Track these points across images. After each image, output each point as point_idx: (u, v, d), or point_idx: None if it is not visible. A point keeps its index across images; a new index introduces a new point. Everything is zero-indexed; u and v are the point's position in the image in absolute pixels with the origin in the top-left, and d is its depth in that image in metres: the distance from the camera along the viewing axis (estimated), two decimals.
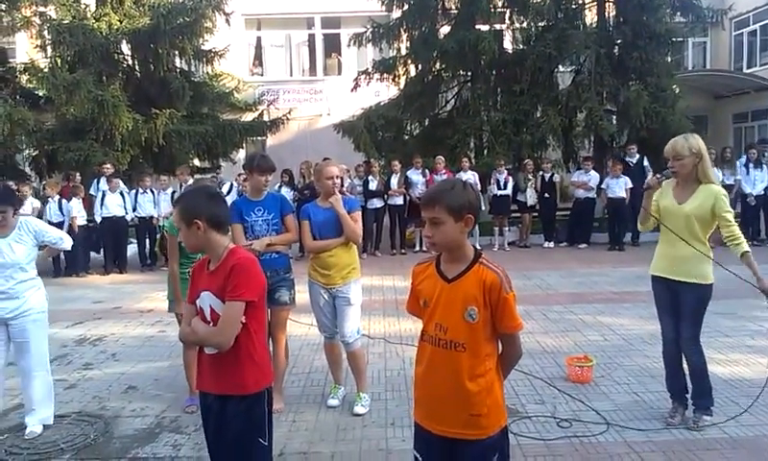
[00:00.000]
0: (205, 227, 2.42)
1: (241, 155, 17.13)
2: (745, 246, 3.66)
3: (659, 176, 3.93)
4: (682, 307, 3.87)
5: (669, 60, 14.85)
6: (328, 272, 4.19)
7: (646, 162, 11.91)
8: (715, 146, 12.95)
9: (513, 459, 3.35)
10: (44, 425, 4.09)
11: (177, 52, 14.07)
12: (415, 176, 11.73)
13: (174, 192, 11.02)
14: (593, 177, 11.95)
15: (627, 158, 11.77)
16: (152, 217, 10.97)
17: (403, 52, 14.72)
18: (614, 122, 13.24)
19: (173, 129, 12.94)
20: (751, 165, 11.37)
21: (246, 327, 2.41)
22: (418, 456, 2.41)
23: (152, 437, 4.00)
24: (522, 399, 4.43)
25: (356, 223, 4.23)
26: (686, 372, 3.98)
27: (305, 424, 4.10)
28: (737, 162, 11.61)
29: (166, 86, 13.67)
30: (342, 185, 4.45)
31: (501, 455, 2.33)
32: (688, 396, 3.99)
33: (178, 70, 14.68)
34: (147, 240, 11.08)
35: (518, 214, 12.34)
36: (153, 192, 11.16)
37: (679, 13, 13.84)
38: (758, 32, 21.19)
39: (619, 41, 13.53)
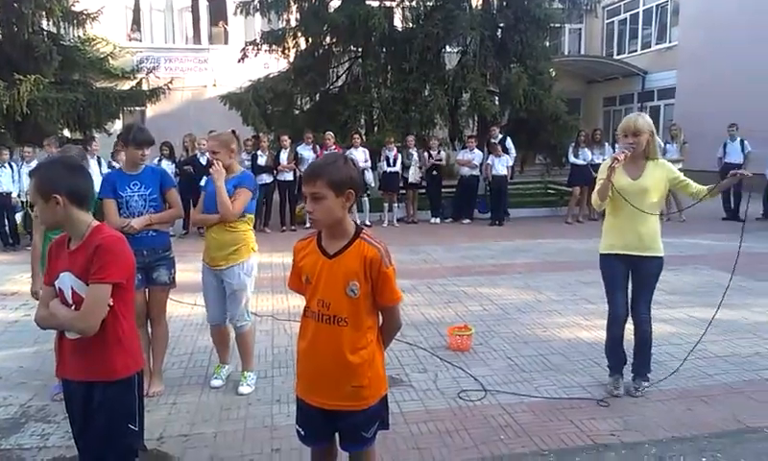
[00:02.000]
0: (65, 202, 2.22)
1: (117, 125, 16.11)
2: (697, 186, 3.89)
3: (625, 151, 3.90)
4: (641, 280, 3.97)
5: (547, 44, 15.70)
6: (211, 252, 4.04)
7: (509, 142, 12.58)
8: (587, 128, 13.95)
9: (395, 426, 3.50)
10: None
11: (43, 12, 12.86)
12: (305, 151, 11.61)
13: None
14: (477, 155, 12.44)
15: (491, 140, 12.34)
16: (9, 193, 10.01)
17: (293, 24, 14.43)
18: (497, 103, 13.82)
19: (39, 96, 11.84)
20: (668, 144, 12.21)
21: (113, 310, 2.27)
22: (300, 430, 2.44)
23: (17, 427, 3.72)
24: (406, 368, 4.57)
25: (236, 198, 3.96)
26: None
27: (187, 405, 3.98)
28: (605, 144, 12.55)
29: (31, 50, 12.46)
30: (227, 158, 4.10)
31: (382, 423, 2.42)
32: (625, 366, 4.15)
33: (45, 33, 13.43)
34: (5, 218, 10.12)
35: (405, 191, 12.59)
36: (11, 166, 10.19)
37: (557, 0, 14.62)
38: (628, 20, 22.91)
39: (502, 25, 14.09)
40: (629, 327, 4.09)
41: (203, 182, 4.35)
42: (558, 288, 6.87)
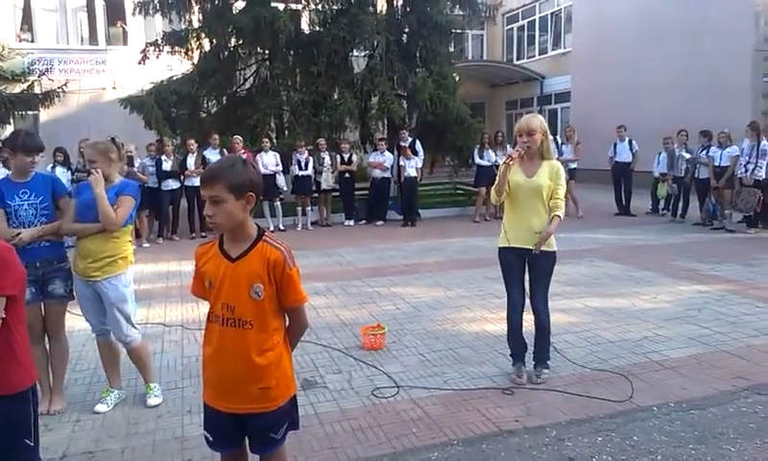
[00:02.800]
0: None
1: (8, 131, 15.03)
2: (561, 212, 4.06)
3: (519, 149, 4.08)
4: (535, 273, 4.17)
5: (451, 49, 16.19)
6: (83, 261, 3.79)
7: (418, 145, 12.92)
8: (490, 130, 14.53)
9: (310, 428, 3.54)
10: None
11: None
12: (212, 155, 11.32)
13: None
14: (388, 157, 12.64)
15: (401, 143, 12.61)
16: None
17: (195, 25, 14.06)
18: (405, 106, 14.09)
19: None
20: (563, 145, 12.76)
21: (6, 323, 2.18)
22: (208, 436, 2.42)
23: None
24: (321, 370, 4.60)
25: (121, 207, 3.77)
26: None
27: (92, 422, 3.81)
28: (507, 145, 13.11)
29: None
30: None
31: (291, 423, 2.44)
32: (526, 354, 4.36)
33: None
34: None
35: (318, 195, 12.57)
36: None
37: (458, 6, 15.10)
38: (526, 27, 24.04)
39: (407, 30, 14.38)
40: (530, 317, 4.32)
41: (71, 189, 4.09)
42: (466, 284, 7.12)
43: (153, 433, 3.66)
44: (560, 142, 12.90)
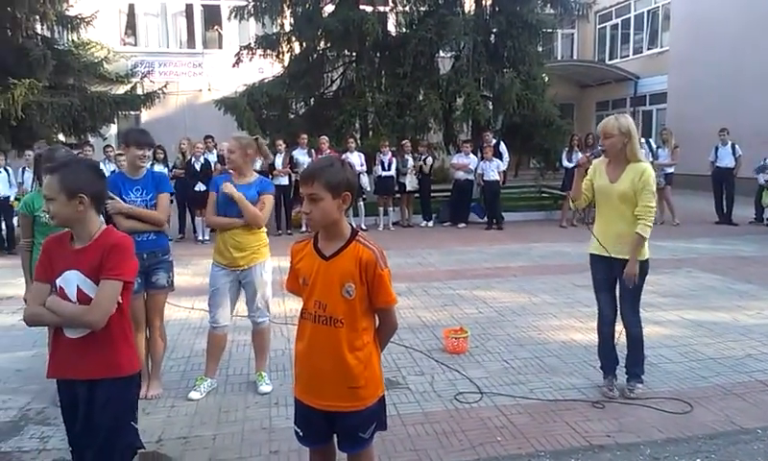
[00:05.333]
0: (88, 202, 2.29)
1: (113, 130, 16.12)
2: (641, 228, 3.79)
3: (589, 154, 4.03)
4: (624, 283, 3.93)
5: (540, 49, 15.80)
6: (231, 253, 4.06)
7: (503, 147, 12.66)
8: (579, 132, 14.06)
9: (392, 428, 3.52)
10: None
11: (37, 17, 12.89)
12: (300, 155, 11.64)
13: (24, 170, 10.13)
14: (472, 159, 12.49)
15: (484, 144, 12.37)
16: (7, 198, 10.02)
17: (287, 28, 14.48)
18: (490, 107, 13.89)
19: (33, 100, 11.87)
20: (659, 148, 12.24)
21: (120, 308, 2.33)
22: (298, 431, 2.47)
23: (16, 430, 3.73)
24: (403, 371, 4.60)
25: (263, 205, 4.08)
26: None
27: (185, 408, 4.00)
28: (599, 147, 12.61)
29: (25, 54, 12.49)
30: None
31: (379, 424, 2.45)
32: (618, 367, 4.17)
33: (39, 37, 13.46)
34: (3, 222, 10.12)
35: (400, 195, 12.60)
36: (7, 171, 10.20)
37: (549, 5, 14.73)
38: (620, 26, 23.09)
39: (495, 30, 14.18)
40: (622, 328, 4.13)
41: (204, 185, 4.32)
42: (552, 291, 6.92)
43: (242, 422, 3.79)
44: (655, 146, 12.29)
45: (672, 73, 19.30)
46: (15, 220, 10.02)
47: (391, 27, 14.84)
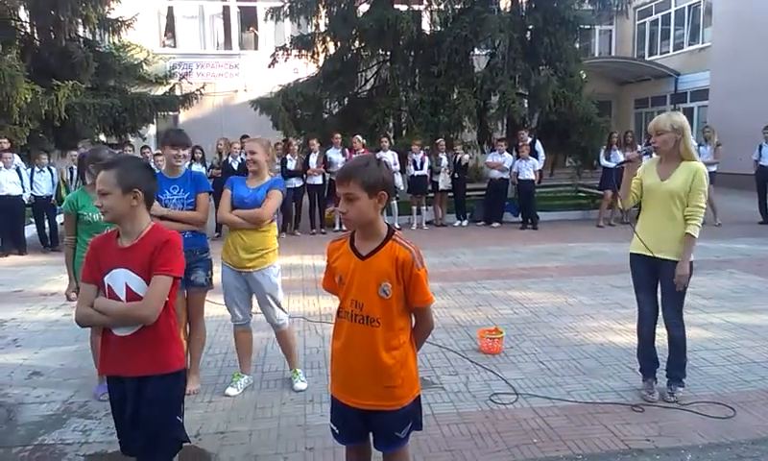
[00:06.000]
0: (141, 198, 2.36)
1: (151, 130, 16.47)
2: (692, 229, 3.71)
3: (639, 150, 3.95)
4: (668, 284, 3.84)
5: (577, 46, 15.56)
6: (239, 254, 4.04)
7: (538, 145, 12.48)
8: (618, 130, 13.78)
9: (427, 428, 3.51)
10: None
11: (80, 20, 13.26)
12: (334, 155, 11.70)
13: (71, 168, 10.43)
14: (507, 158, 12.35)
15: (520, 143, 12.21)
16: (49, 197, 10.35)
17: (322, 28, 14.57)
18: (526, 105, 13.72)
19: (76, 102, 12.21)
20: (701, 146, 11.97)
21: (166, 305, 2.37)
22: (334, 428, 2.48)
23: (59, 423, 3.84)
24: (437, 371, 4.58)
25: (269, 201, 4.02)
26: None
27: (222, 404, 4.06)
28: (638, 146, 12.34)
29: (68, 57, 12.86)
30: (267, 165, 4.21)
31: (415, 423, 2.44)
32: (658, 370, 4.09)
33: (81, 40, 13.85)
34: (46, 221, 10.46)
35: (433, 194, 12.55)
36: (50, 170, 10.53)
37: (587, 1, 14.47)
38: (660, 21, 22.55)
39: (531, 27, 13.98)
40: (662, 330, 4.04)
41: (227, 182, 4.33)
42: (589, 292, 6.80)
43: (278, 419, 3.83)
44: (697, 144, 11.95)
45: (714, 69, 18.77)
46: (58, 218, 10.38)
47: (425, 25, 14.79)
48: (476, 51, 14.51)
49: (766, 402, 3.92)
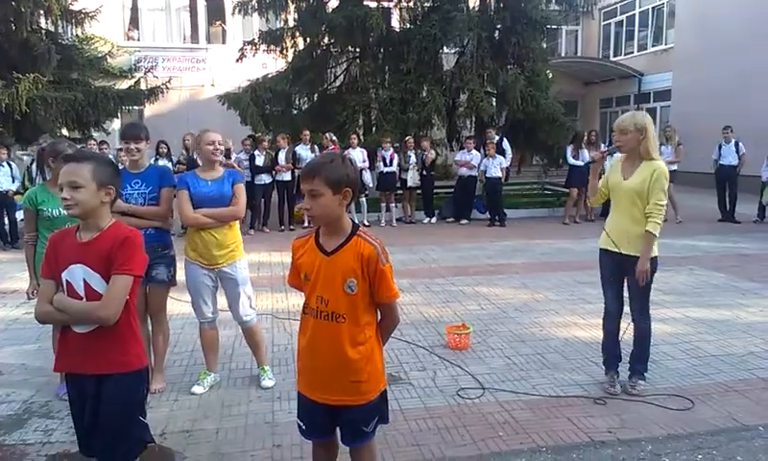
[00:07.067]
0: (112, 196, 2.36)
1: (116, 125, 16.14)
2: (651, 226, 3.79)
3: (603, 150, 4.04)
4: (634, 280, 3.91)
5: (544, 46, 15.76)
6: (211, 251, 3.99)
7: (506, 143, 12.63)
8: (583, 129, 14.03)
9: (394, 423, 3.54)
10: None
11: (41, 11, 12.90)
12: (303, 151, 11.64)
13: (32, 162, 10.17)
14: (475, 156, 12.46)
15: (487, 140, 12.34)
16: (7, 192, 10.06)
17: (291, 24, 14.46)
18: (494, 104, 13.86)
19: (38, 95, 11.89)
20: (662, 146, 12.17)
21: (127, 303, 2.33)
22: (301, 424, 2.48)
23: (20, 423, 3.75)
24: (405, 366, 4.61)
25: (240, 197, 4.04)
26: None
27: (188, 402, 4.01)
28: (602, 145, 12.58)
29: (29, 49, 12.50)
30: (225, 155, 4.22)
31: (381, 418, 2.46)
32: (620, 364, 4.18)
33: (43, 31, 13.46)
34: (5, 217, 10.17)
35: (402, 191, 12.60)
36: (10, 165, 10.24)
37: (554, 1, 14.68)
38: (625, 22, 23.01)
39: (499, 26, 14.12)
40: (625, 325, 4.13)
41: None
42: (555, 288, 6.92)
43: (245, 416, 3.81)
44: (659, 143, 12.22)
45: (677, 70, 19.25)
46: (18, 214, 10.10)
47: (395, 23, 14.78)
48: (445, 49, 14.58)
49: (723, 395, 4.05)
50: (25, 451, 3.42)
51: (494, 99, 14.00)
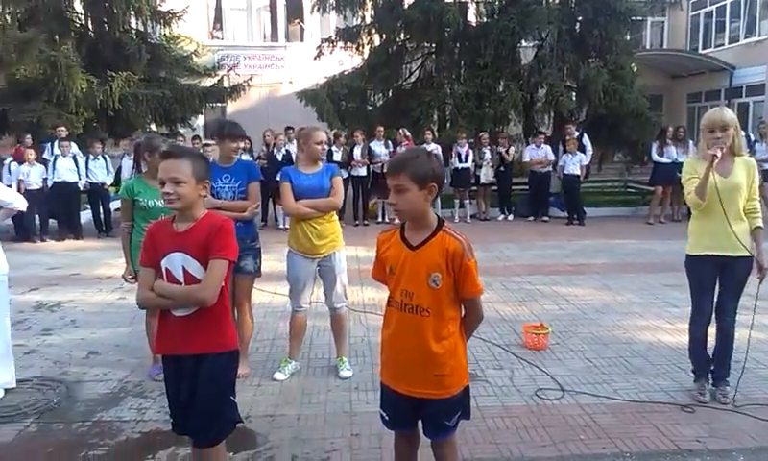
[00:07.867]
0: (209, 189, 2.53)
1: (200, 121, 16.80)
2: (760, 221, 3.74)
3: (722, 146, 3.68)
4: (729, 281, 3.80)
5: (628, 38, 15.14)
6: (312, 241, 4.15)
7: (586, 139, 12.21)
8: (670, 125, 13.39)
9: (472, 419, 3.48)
10: (5, 390, 4.04)
11: (133, 12, 13.63)
12: (377, 147, 11.74)
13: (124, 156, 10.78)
14: (546, 150, 12.12)
15: (567, 137, 11.96)
16: (103, 184, 10.72)
17: (368, 20, 14.58)
18: (574, 98, 13.47)
19: (129, 92, 12.60)
20: (757, 143, 11.56)
21: (222, 288, 2.45)
22: (384, 415, 2.52)
23: (116, 401, 4.00)
24: (482, 364, 4.58)
25: (339, 188, 4.22)
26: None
27: (271, 388, 4.16)
28: (690, 141, 11.98)
29: (122, 48, 13.26)
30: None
31: (464, 412, 2.47)
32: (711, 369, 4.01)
33: (134, 31, 14.22)
34: (101, 207, 10.85)
35: (476, 188, 12.45)
36: (105, 158, 10.91)
37: None
38: (714, 13, 21.74)
39: (580, 18, 13.70)
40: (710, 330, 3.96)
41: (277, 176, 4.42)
42: (639, 290, 6.66)
43: (324, 405, 3.91)
44: (752, 139, 11.52)
45: None
46: (112, 205, 10.75)
47: (471, 17, 14.63)
48: (524, 43, 14.27)
49: None
50: (121, 428, 3.64)
51: (575, 94, 13.60)
